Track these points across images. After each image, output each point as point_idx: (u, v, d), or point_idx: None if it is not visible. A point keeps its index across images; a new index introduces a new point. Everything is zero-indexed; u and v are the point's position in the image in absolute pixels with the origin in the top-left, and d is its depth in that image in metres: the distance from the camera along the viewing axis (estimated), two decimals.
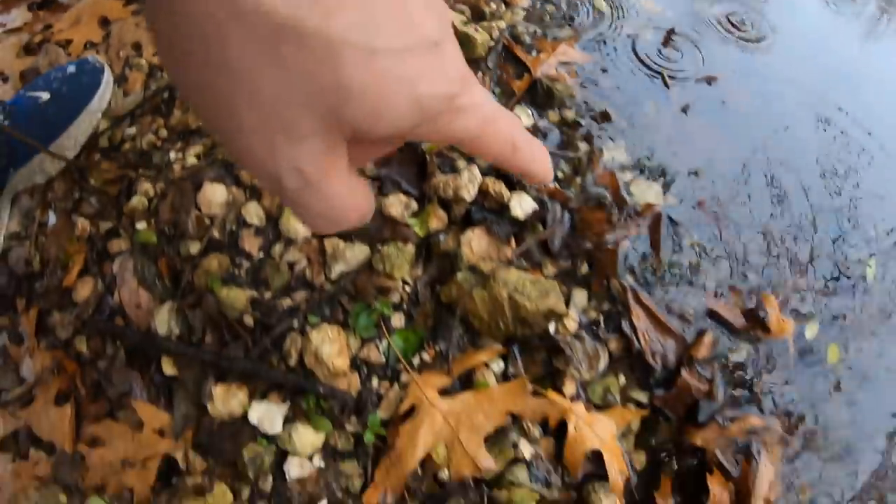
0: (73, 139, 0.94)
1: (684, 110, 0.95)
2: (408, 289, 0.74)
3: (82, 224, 0.90)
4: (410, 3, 0.19)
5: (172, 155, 0.89)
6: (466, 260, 0.71)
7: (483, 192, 0.76)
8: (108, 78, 0.96)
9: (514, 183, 0.78)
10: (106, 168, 0.94)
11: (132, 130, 0.94)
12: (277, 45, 0.18)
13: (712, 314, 0.83)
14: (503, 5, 1.02)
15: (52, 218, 0.94)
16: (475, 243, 0.72)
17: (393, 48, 0.19)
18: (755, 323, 0.82)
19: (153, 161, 0.90)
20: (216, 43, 0.18)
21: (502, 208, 0.76)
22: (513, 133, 0.24)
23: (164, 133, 0.92)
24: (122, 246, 0.85)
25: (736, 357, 0.81)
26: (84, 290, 0.85)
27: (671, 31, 1.04)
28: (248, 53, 0.18)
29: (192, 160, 0.86)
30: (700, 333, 0.80)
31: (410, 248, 0.74)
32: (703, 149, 0.91)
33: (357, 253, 0.75)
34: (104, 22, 1.13)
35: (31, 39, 1.15)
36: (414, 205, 0.76)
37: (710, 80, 0.99)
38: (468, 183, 0.73)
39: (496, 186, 0.76)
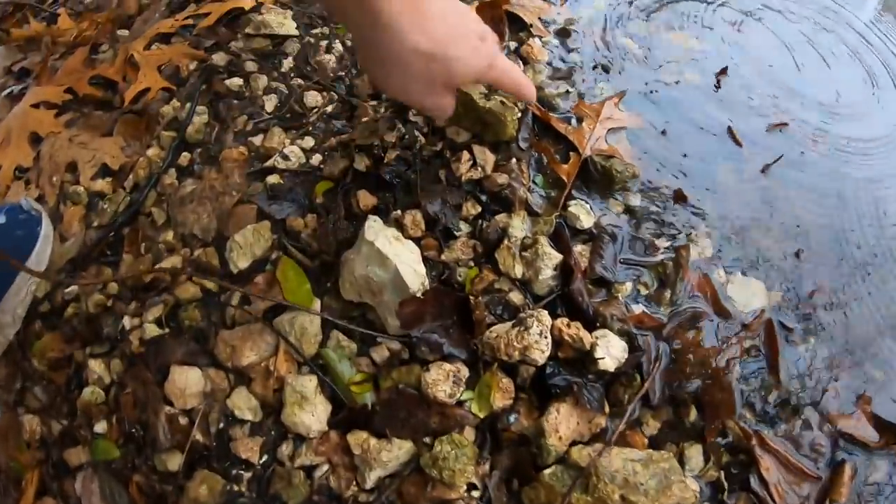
0: (10, 313, 0.72)
1: (764, 171, 0.75)
2: (476, 493, 0.53)
3: (30, 423, 0.69)
4: (470, 20, 0.54)
5: (127, 321, 0.68)
6: (554, 450, 0.51)
7: (556, 341, 0.55)
8: (46, 229, 0.75)
9: (591, 319, 0.58)
10: (48, 343, 0.72)
11: (74, 288, 0.73)
12: (426, 60, 0.49)
13: (845, 436, 0.63)
14: (520, 62, 0.82)
15: None
16: (563, 425, 0.51)
17: (466, 50, 0.51)
18: (892, 434, 0.63)
19: (103, 330, 0.68)
20: (400, 59, 0.49)
21: (585, 359, 0.56)
22: (516, 77, 0.59)
23: (113, 288, 0.71)
24: (82, 457, 0.64)
25: (874, 477, 0.62)
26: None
27: (724, 70, 0.85)
28: (414, 60, 0.49)
29: (151, 328, 0.65)
30: (837, 467, 0.61)
31: (470, 437, 0.54)
32: (797, 218, 0.72)
33: (397, 452, 0.54)
34: (35, 139, 0.91)
35: None
36: (464, 371, 0.56)
37: (781, 126, 0.80)
38: (539, 338, 0.53)
39: (572, 331, 0.55)
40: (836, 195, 0.75)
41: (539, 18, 0.90)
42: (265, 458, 0.58)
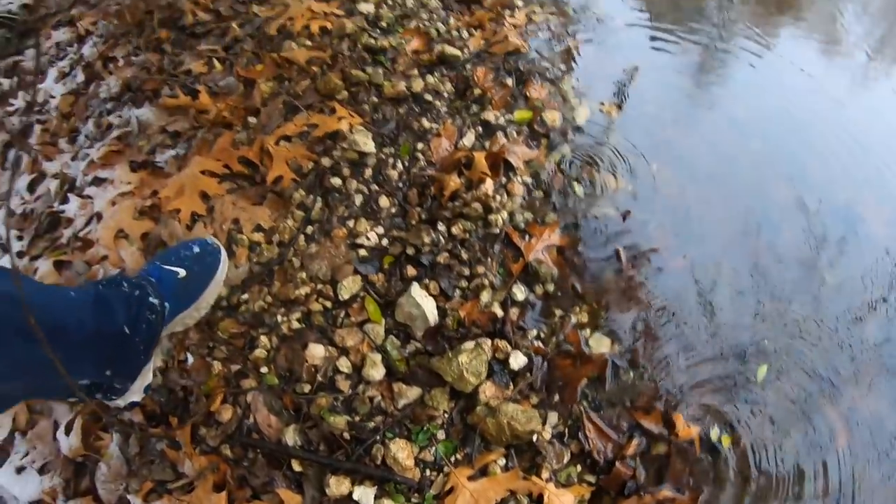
0: (205, 303, 1.84)
1: (632, 280, 1.87)
2: (446, 415, 1.65)
3: (217, 366, 1.81)
4: None
5: (279, 318, 1.80)
6: (483, 399, 1.63)
7: (493, 351, 1.67)
8: (224, 257, 1.87)
9: (513, 343, 1.70)
10: (228, 324, 1.84)
11: (245, 296, 1.85)
12: None
13: (639, 426, 1.75)
14: (506, 194, 1.95)
15: (189, 358, 1.85)
16: (488, 390, 1.63)
17: None
18: (670, 429, 1.74)
19: (265, 321, 1.81)
20: None
21: (505, 361, 1.67)
22: None
23: (269, 300, 1.83)
24: (252, 384, 1.75)
25: (655, 451, 1.72)
26: (226, 414, 1.75)
27: (627, 212, 1.97)
28: None
29: (295, 324, 1.78)
30: (629, 438, 1.71)
31: (446, 392, 1.66)
32: (643, 307, 1.84)
33: (413, 393, 1.66)
34: (204, 196, 2.04)
35: (143, 204, 2.06)
36: None
37: (653, 251, 1.92)
38: (484, 351, 1.65)
39: (501, 344, 1.67)
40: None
41: (524, 162, 2.03)
42: (351, 391, 1.70)
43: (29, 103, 2.76)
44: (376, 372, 1.67)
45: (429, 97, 2.17)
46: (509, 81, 2.30)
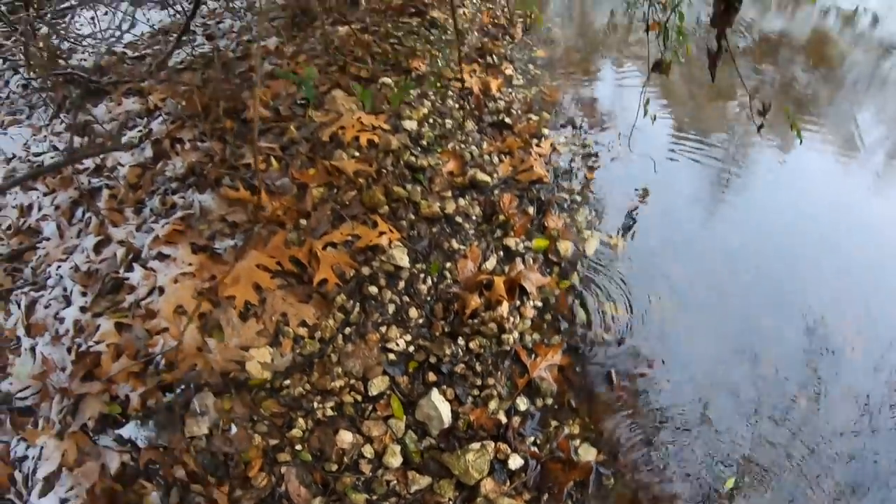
0: None
1: (620, 399, 2.30)
2: (451, 503, 2.06)
3: (258, 438, 2.23)
4: None
5: (315, 404, 2.22)
6: (483, 492, 2.04)
7: (496, 452, 2.09)
8: None
9: (512, 446, 2.12)
10: (271, 404, 2.27)
11: (287, 382, 2.28)
12: None
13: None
14: (518, 316, 2.39)
15: (233, 428, 2.26)
16: (488, 485, 2.04)
17: None
18: None
19: (303, 405, 2.23)
20: None
21: (505, 462, 2.09)
22: None
23: (308, 387, 2.26)
24: (287, 458, 2.17)
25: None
26: (262, 481, 2.15)
27: (622, 339, 2.41)
28: None
29: (329, 411, 2.20)
30: None
31: (453, 483, 2.07)
32: (629, 423, 2.26)
33: (425, 481, 2.07)
34: (257, 287, 2.49)
35: (202, 286, 2.50)
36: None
37: (650, 364, 2.35)
38: (488, 451, 2.07)
39: (503, 447, 2.09)
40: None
41: (537, 287, 2.49)
42: (370, 474, 2.12)
43: (98, 166, 3.24)
44: (395, 460, 2.08)
45: (459, 219, 2.63)
46: (531, 210, 2.78)
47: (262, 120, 3.17)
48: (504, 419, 2.17)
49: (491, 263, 2.51)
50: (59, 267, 2.66)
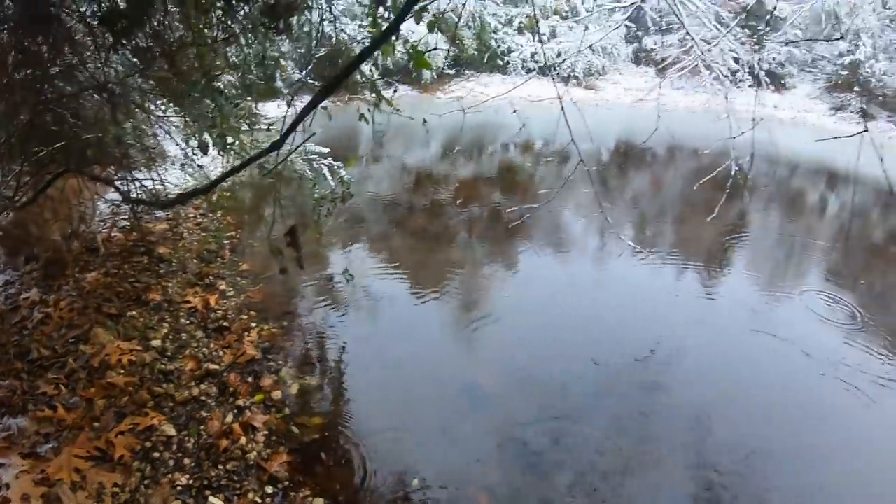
0: None
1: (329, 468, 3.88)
2: None
3: None
4: None
5: None
6: None
7: None
8: None
9: None
10: None
11: None
12: None
13: None
14: (254, 442, 3.91)
15: None
16: None
17: None
18: None
19: None
20: None
21: None
22: None
23: None
24: None
25: None
26: None
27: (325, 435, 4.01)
28: None
29: None
30: None
31: None
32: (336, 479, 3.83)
33: None
34: (77, 470, 3.75)
35: (37, 477, 3.71)
36: None
37: None
38: None
39: None
40: None
41: (263, 423, 4.04)
42: None
43: None
44: None
45: (203, 398, 4.13)
46: (250, 379, 4.35)
47: (44, 358, 4.44)
48: (260, 501, 3.63)
49: (229, 419, 4.02)
50: None
